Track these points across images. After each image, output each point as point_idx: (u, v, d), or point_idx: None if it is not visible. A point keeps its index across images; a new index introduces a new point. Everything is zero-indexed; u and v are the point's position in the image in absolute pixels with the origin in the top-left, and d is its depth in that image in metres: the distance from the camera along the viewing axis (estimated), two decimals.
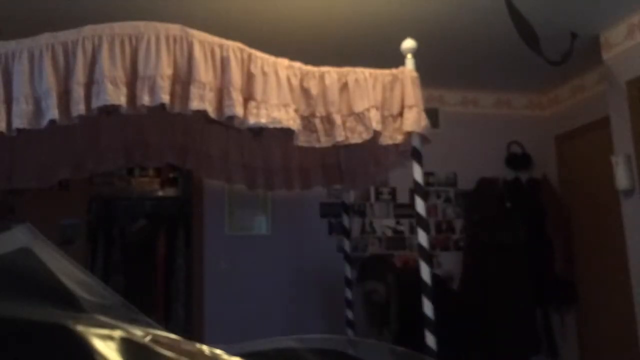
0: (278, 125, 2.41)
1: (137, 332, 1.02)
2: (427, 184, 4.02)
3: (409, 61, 2.75)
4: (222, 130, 3.46)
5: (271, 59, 2.46)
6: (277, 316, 4.16)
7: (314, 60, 2.63)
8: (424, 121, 2.66)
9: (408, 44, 2.75)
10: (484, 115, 4.97)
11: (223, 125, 3.02)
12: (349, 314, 3.65)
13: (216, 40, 2.32)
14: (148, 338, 1.02)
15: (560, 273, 4.50)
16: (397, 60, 2.76)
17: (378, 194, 4.65)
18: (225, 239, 4.31)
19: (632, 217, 3.59)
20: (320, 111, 2.55)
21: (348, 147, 3.28)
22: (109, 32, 2.19)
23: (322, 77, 2.57)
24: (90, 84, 2.15)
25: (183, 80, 2.24)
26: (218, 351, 1.14)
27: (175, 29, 2.25)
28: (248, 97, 2.36)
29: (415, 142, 2.68)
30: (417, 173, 2.66)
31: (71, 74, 2.15)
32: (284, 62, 2.50)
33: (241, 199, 4.31)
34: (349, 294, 3.68)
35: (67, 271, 1.21)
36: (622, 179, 3.59)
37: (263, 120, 2.36)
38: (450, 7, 3.35)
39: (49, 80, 2.12)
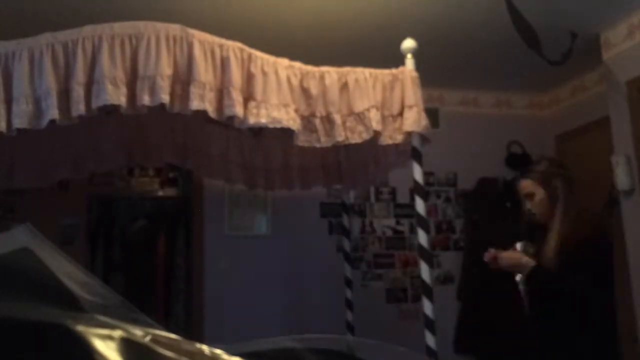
0: (278, 125, 2.41)
1: (137, 332, 1.02)
2: (427, 184, 4.01)
3: (409, 61, 2.75)
4: (222, 130, 3.47)
5: (271, 59, 2.46)
6: (277, 316, 4.15)
7: (314, 60, 2.63)
8: (424, 121, 2.67)
9: (408, 44, 2.75)
10: (484, 115, 4.96)
11: (223, 125, 3.03)
12: (349, 314, 3.65)
13: (216, 40, 2.32)
14: (148, 338, 1.02)
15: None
16: (397, 60, 2.76)
17: (378, 194, 4.65)
18: (225, 239, 4.30)
19: (632, 217, 3.59)
20: (320, 111, 2.55)
21: (348, 147, 3.29)
22: (109, 32, 2.19)
23: (322, 77, 2.58)
24: (90, 84, 2.15)
25: (183, 80, 2.24)
26: (218, 351, 1.14)
27: (175, 29, 2.26)
28: (248, 97, 2.36)
29: (415, 142, 2.68)
30: (417, 173, 2.66)
31: (71, 74, 2.15)
32: (284, 62, 2.50)
33: (241, 199, 4.31)
34: (349, 294, 3.68)
35: (67, 271, 1.21)
36: (622, 179, 3.59)
37: (263, 120, 2.36)
38: (450, 7, 3.35)
39: (49, 80, 2.13)
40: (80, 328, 0.96)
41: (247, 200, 4.32)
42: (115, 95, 2.14)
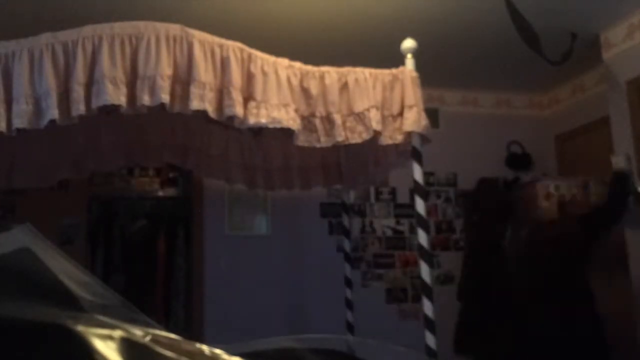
0: (278, 125, 2.41)
1: (137, 332, 1.02)
2: (427, 184, 4.01)
3: (409, 61, 2.75)
4: (222, 130, 3.47)
5: (271, 59, 2.46)
6: (277, 316, 4.15)
7: (314, 60, 2.63)
8: (424, 121, 2.67)
9: (408, 44, 2.75)
10: (484, 115, 4.96)
11: (223, 125, 3.03)
12: (349, 314, 3.65)
13: (216, 40, 2.32)
14: (148, 338, 1.02)
15: None
16: (397, 60, 2.76)
17: (378, 194, 4.65)
18: (225, 239, 4.30)
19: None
20: (320, 111, 2.55)
21: (348, 147, 3.29)
22: (109, 32, 2.19)
23: (322, 77, 2.58)
24: (90, 84, 2.15)
25: (183, 80, 2.24)
26: (218, 351, 1.14)
27: (175, 29, 2.26)
28: (248, 97, 2.36)
29: (415, 142, 2.68)
30: (417, 173, 2.66)
31: (71, 74, 2.15)
32: (284, 62, 2.50)
33: (241, 199, 4.31)
34: (349, 294, 3.68)
35: (67, 271, 1.21)
36: None
37: (263, 120, 2.36)
38: (450, 7, 3.35)
39: (49, 80, 2.13)
40: (80, 328, 0.96)
41: (247, 200, 4.33)
42: (115, 95, 2.14)
